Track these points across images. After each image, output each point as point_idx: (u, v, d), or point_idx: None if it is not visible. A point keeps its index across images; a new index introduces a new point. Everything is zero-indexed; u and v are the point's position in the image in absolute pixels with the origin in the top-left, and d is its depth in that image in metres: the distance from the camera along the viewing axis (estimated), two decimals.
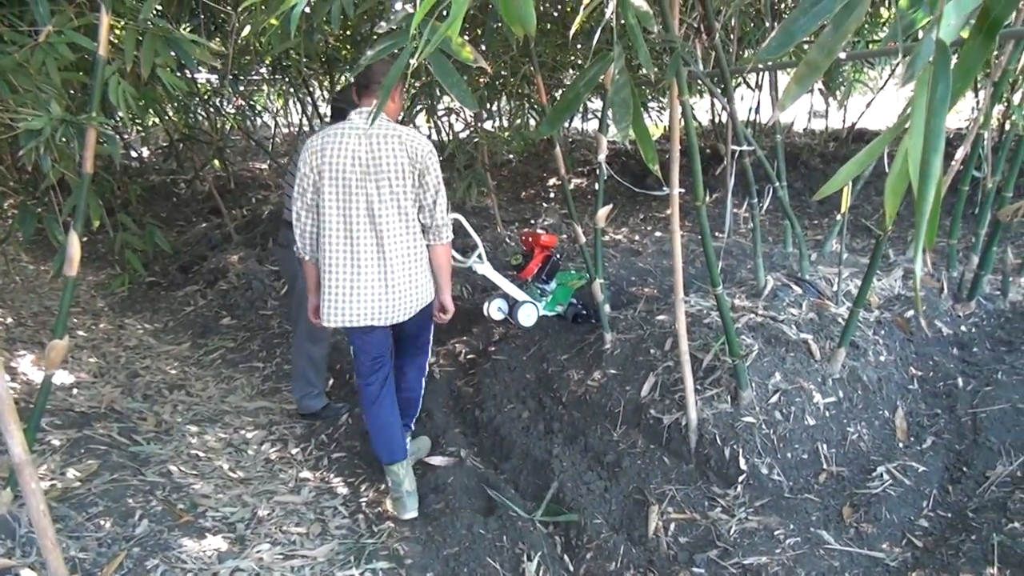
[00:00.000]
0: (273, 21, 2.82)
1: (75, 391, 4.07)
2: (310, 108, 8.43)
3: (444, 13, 1.59)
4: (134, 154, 8.74)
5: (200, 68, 5.93)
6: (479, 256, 3.94)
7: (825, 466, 3.03)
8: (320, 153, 2.84)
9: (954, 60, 1.12)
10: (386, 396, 3.19)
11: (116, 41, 3.15)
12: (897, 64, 9.02)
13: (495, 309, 4.17)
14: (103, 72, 2.70)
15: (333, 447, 3.82)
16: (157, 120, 7.37)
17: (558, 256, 4.14)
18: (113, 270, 6.72)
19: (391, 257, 2.88)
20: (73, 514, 2.81)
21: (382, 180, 2.81)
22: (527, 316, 4.01)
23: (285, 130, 11.85)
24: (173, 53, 3.02)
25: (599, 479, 3.18)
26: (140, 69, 2.92)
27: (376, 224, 2.84)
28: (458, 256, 4.00)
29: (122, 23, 2.97)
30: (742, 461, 2.98)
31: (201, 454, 3.62)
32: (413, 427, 3.50)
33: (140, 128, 7.71)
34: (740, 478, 2.97)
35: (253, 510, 3.16)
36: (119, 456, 3.35)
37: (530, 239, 4.08)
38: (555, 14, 5.03)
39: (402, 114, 3.24)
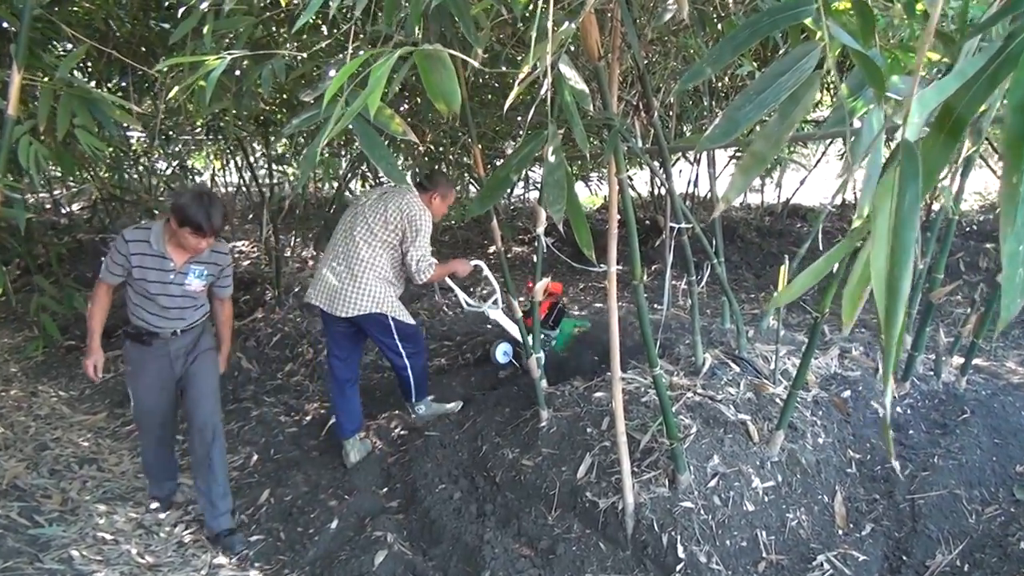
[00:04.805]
0: (202, 83, 2.72)
1: None
2: (247, 173, 8.28)
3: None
4: (64, 210, 8.44)
5: (130, 128, 5.76)
6: (495, 302, 4.17)
7: (764, 554, 2.93)
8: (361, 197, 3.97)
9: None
10: (342, 384, 3.98)
11: (33, 98, 3.01)
12: (830, 144, 9.33)
13: (500, 353, 4.43)
14: (11, 132, 2.55)
15: (252, 528, 3.59)
16: (88, 177, 7.14)
17: (563, 302, 4.23)
18: (30, 332, 6.36)
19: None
20: None
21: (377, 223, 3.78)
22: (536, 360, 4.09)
23: (222, 190, 11.61)
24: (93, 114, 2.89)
25: (532, 567, 3.02)
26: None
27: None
28: (471, 301, 4.26)
29: (39, 80, 2.83)
30: (680, 549, 2.86)
31: (108, 537, 3.35)
32: (414, 399, 4.08)
33: (73, 185, 7.46)
34: (678, 567, 2.84)
35: None
36: (15, 540, 3.07)
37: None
38: (495, 85, 5.02)
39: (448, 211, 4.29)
